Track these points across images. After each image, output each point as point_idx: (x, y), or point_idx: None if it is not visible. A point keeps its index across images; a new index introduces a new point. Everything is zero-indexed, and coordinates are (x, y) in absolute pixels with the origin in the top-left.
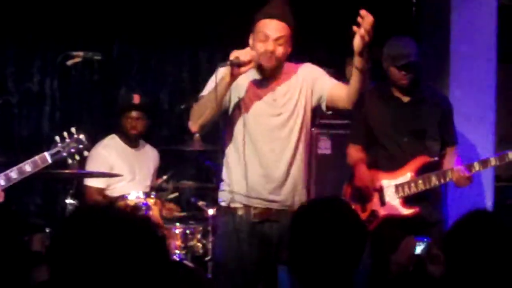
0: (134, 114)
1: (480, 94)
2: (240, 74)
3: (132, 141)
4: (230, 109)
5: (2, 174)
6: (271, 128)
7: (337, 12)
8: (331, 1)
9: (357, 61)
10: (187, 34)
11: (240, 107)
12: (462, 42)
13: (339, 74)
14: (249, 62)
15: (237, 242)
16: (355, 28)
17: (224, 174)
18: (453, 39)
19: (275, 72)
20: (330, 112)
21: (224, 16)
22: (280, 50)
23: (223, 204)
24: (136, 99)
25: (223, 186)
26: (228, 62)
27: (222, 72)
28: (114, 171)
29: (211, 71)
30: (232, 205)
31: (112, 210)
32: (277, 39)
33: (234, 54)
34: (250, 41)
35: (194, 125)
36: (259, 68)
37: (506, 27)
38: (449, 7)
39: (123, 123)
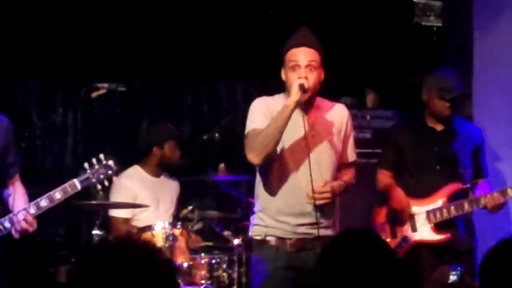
0: (177, 143)
1: (503, 122)
2: (303, 100)
3: (159, 171)
4: None
5: (33, 202)
6: (301, 161)
7: (356, 42)
8: (350, 31)
9: None
10: (206, 66)
11: None
12: (484, 71)
13: (359, 103)
14: (309, 89)
15: (274, 272)
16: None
17: (257, 207)
18: (475, 68)
19: (308, 103)
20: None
21: (242, 48)
22: (312, 77)
23: (257, 238)
24: (175, 129)
25: (256, 220)
26: (299, 87)
27: (290, 99)
28: (138, 201)
29: (230, 102)
30: (267, 238)
31: (130, 248)
32: (307, 65)
33: (299, 82)
34: (283, 76)
35: (257, 158)
36: None
37: None
38: (471, 34)
39: (166, 153)
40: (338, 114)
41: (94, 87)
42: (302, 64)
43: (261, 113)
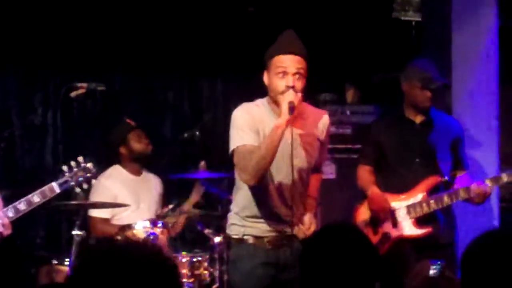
0: (140, 133)
1: (482, 116)
2: (292, 118)
3: (139, 169)
4: None
5: (11, 206)
6: (284, 167)
7: (335, 38)
8: (329, 26)
9: None
10: (187, 64)
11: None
12: (463, 65)
13: (339, 98)
14: (297, 105)
15: (253, 269)
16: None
17: (234, 208)
18: (454, 61)
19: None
20: None
21: (223, 46)
22: (299, 85)
23: (235, 236)
24: (132, 122)
25: (233, 220)
26: (289, 109)
27: (281, 120)
28: (118, 201)
29: (211, 101)
30: (245, 237)
31: (128, 247)
32: (295, 74)
33: (288, 100)
34: (265, 79)
35: (252, 180)
36: (277, 105)
37: (507, 48)
38: (450, 29)
39: (133, 147)
40: (321, 123)
41: (74, 86)
42: (290, 71)
43: (248, 126)
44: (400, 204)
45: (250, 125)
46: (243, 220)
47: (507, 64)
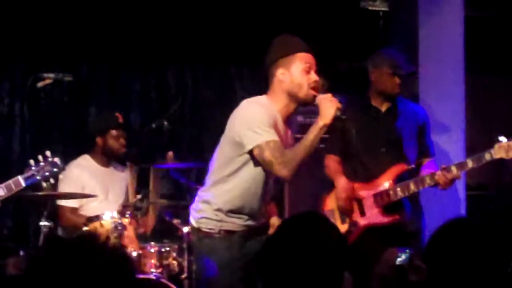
0: (121, 133)
1: (449, 105)
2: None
3: (108, 161)
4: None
5: None
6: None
7: (303, 27)
8: (297, 16)
9: None
10: (155, 54)
11: None
12: (430, 54)
13: None
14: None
15: (229, 261)
16: None
17: (218, 201)
18: (421, 51)
19: (294, 112)
20: None
21: (191, 36)
22: None
23: (207, 230)
24: (121, 118)
25: (208, 213)
26: (338, 112)
27: (326, 120)
28: (87, 191)
29: (179, 90)
30: (221, 231)
31: (85, 245)
32: (315, 71)
33: (337, 106)
34: (284, 75)
35: (290, 174)
36: (294, 103)
37: (473, 38)
38: (416, 18)
39: (108, 143)
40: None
41: (41, 76)
42: (314, 68)
43: (270, 124)
44: (367, 193)
45: (271, 124)
46: (223, 215)
47: (473, 54)
